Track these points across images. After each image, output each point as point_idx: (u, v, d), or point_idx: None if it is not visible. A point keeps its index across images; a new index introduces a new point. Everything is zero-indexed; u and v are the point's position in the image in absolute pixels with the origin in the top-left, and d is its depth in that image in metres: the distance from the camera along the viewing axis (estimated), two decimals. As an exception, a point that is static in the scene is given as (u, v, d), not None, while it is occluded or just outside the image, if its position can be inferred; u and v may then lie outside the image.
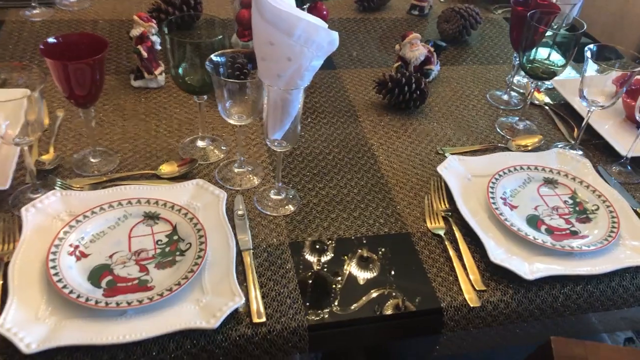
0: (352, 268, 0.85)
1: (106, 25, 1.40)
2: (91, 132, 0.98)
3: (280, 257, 0.85)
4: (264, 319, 0.76)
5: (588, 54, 1.01)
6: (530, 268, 0.84)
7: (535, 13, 1.06)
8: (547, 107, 1.25)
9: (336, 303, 0.79)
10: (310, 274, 0.83)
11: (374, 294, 0.81)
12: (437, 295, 0.82)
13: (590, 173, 1.03)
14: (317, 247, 0.88)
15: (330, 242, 0.89)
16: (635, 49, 1.61)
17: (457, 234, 0.90)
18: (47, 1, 1.44)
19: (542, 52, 1.09)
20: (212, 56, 0.87)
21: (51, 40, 0.86)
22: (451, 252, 0.88)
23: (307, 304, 0.79)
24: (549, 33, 1.06)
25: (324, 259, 0.86)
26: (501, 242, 0.89)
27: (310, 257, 0.86)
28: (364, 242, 0.89)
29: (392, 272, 0.84)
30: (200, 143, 1.04)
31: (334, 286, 0.82)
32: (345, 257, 0.86)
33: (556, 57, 1.09)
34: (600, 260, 0.87)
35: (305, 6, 1.29)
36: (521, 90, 1.30)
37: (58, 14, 1.42)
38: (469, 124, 1.18)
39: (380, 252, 0.88)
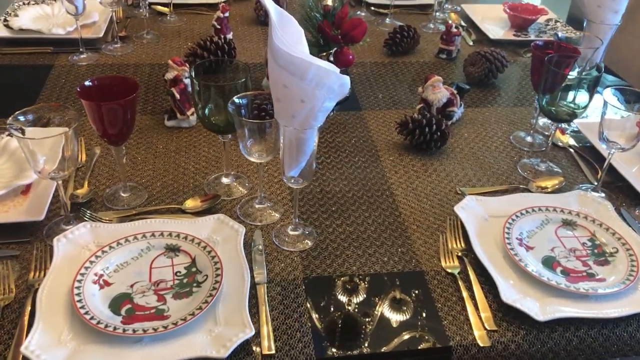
0: (363, 304, 0.86)
1: (147, 68, 1.49)
2: (122, 169, 1.05)
3: (293, 291, 0.88)
4: (273, 351, 0.78)
5: (606, 96, 1.02)
6: (542, 309, 0.83)
7: (553, 57, 1.07)
8: (571, 149, 1.25)
9: (345, 338, 0.81)
10: (321, 308, 0.85)
11: (383, 330, 0.82)
12: (446, 334, 0.82)
13: (612, 215, 1.02)
14: (330, 282, 0.90)
15: (343, 278, 0.91)
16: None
17: (471, 274, 0.91)
18: (93, 47, 1.55)
19: (561, 95, 1.10)
20: (234, 98, 0.92)
21: (87, 83, 0.93)
22: (464, 292, 0.88)
23: (316, 337, 0.80)
24: (571, 76, 1.07)
25: (336, 294, 0.88)
26: (515, 282, 0.89)
27: (323, 292, 0.88)
28: (377, 279, 0.91)
29: (403, 310, 0.85)
30: (224, 180, 1.09)
31: (343, 321, 0.83)
32: (357, 293, 0.88)
33: (576, 100, 1.09)
34: (617, 304, 0.86)
35: (332, 51, 1.35)
36: (546, 132, 1.30)
37: (102, 58, 1.52)
38: (490, 165, 1.19)
39: (392, 289, 0.89)
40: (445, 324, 0.83)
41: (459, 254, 0.95)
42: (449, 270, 0.92)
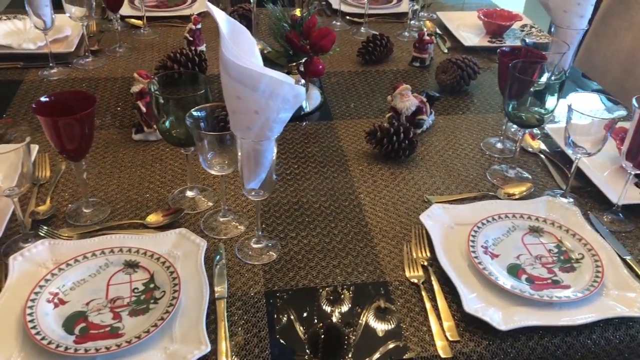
0: (324, 317, 0.85)
1: (118, 82, 1.48)
2: (83, 184, 1.03)
3: (254, 305, 0.86)
4: (230, 368, 0.76)
5: (570, 101, 1.01)
6: (505, 318, 0.82)
7: (518, 63, 1.07)
8: (542, 155, 1.24)
9: (304, 352, 0.79)
10: (281, 322, 0.84)
11: (344, 343, 0.81)
12: (408, 345, 0.81)
13: (579, 221, 1.02)
14: (291, 296, 0.88)
15: (305, 291, 0.89)
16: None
17: (435, 283, 0.90)
18: (64, 62, 1.54)
19: (531, 101, 1.09)
20: (192, 111, 0.91)
21: (43, 99, 0.92)
22: (427, 302, 0.87)
23: (275, 352, 0.79)
24: (541, 81, 1.07)
25: (297, 307, 0.86)
26: (479, 291, 0.88)
27: (284, 306, 0.86)
28: (340, 290, 0.89)
29: (364, 321, 0.84)
30: (189, 193, 1.08)
31: (304, 335, 0.82)
32: (319, 306, 0.87)
33: (546, 105, 1.08)
34: (581, 311, 0.84)
35: (301, 61, 1.34)
36: (516, 139, 1.29)
37: (73, 72, 1.51)
38: (459, 173, 1.18)
39: (354, 301, 0.88)
40: (407, 335, 0.82)
41: (425, 263, 0.94)
42: (413, 280, 0.91)
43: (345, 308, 0.86)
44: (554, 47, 1.27)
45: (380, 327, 0.83)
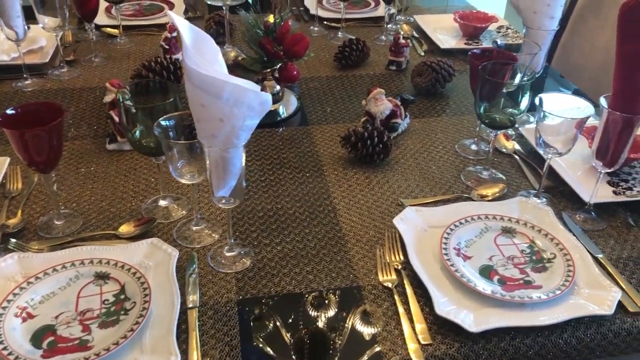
0: (296, 324, 0.84)
1: (93, 92, 1.47)
2: (54, 196, 1.02)
3: (226, 314, 0.86)
4: (200, 378, 0.76)
5: (539, 101, 1.02)
6: (477, 320, 0.82)
7: (487, 65, 1.07)
8: (516, 156, 1.25)
9: (276, 360, 0.79)
10: (253, 331, 0.83)
11: (316, 351, 0.81)
12: (380, 349, 0.81)
13: (552, 221, 1.02)
14: (264, 303, 0.88)
15: (277, 298, 0.89)
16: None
17: (408, 287, 0.90)
18: (39, 72, 1.53)
19: (504, 102, 1.10)
20: (160, 120, 0.90)
21: (9, 111, 0.91)
22: (399, 305, 0.87)
23: (246, 361, 0.79)
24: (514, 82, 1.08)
25: (269, 315, 0.86)
26: (451, 294, 0.88)
27: (256, 314, 0.86)
28: (312, 296, 0.89)
29: (336, 327, 0.84)
30: (162, 202, 1.07)
31: (275, 344, 0.82)
32: (291, 313, 0.86)
33: (520, 106, 1.08)
34: (552, 311, 0.85)
35: (276, 67, 1.34)
36: (489, 140, 1.30)
37: (48, 83, 1.50)
38: (434, 175, 1.18)
39: (327, 307, 0.87)
40: (379, 340, 0.82)
41: (398, 266, 0.94)
42: (386, 284, 0.91)
43: (318, 314, 0.86)
44: (526, 48, 1.28)
45: (355, 332, 0.83)
